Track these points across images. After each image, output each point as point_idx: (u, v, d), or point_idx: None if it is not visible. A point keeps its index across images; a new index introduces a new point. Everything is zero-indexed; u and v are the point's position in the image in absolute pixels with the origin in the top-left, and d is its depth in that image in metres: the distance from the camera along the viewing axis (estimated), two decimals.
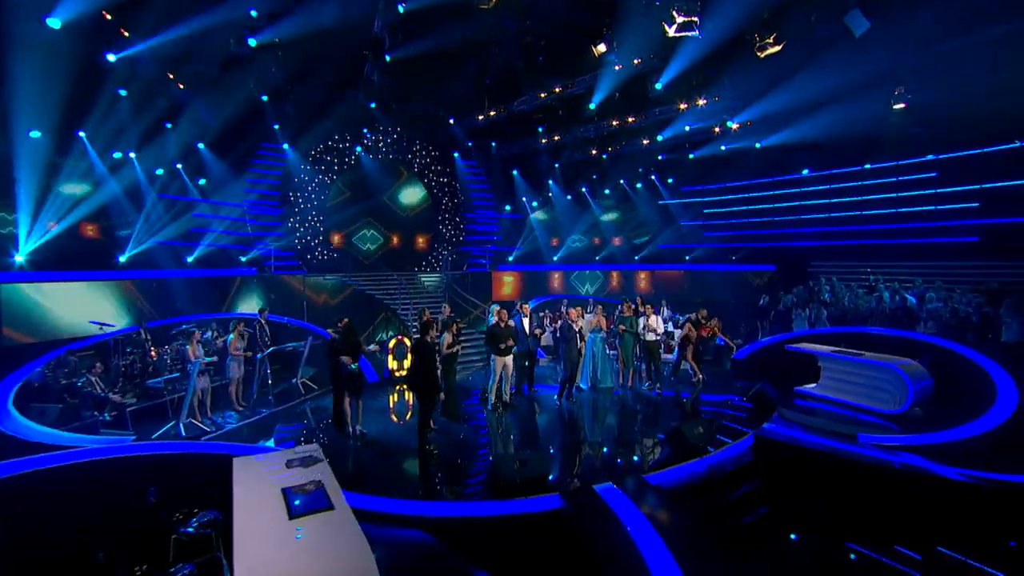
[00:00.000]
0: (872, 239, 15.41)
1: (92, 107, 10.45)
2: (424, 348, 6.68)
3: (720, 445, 6.97)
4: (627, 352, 10.16)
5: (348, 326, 7.61)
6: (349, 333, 7.54)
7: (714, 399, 9.64)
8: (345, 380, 7.46)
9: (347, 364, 7.37)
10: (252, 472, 4.35)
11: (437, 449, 6.96)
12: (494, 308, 9.03)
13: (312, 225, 16.82)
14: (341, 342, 7.46)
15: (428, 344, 6.69)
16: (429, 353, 6.66)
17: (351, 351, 7.42)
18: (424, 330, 6.75)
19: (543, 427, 8.23)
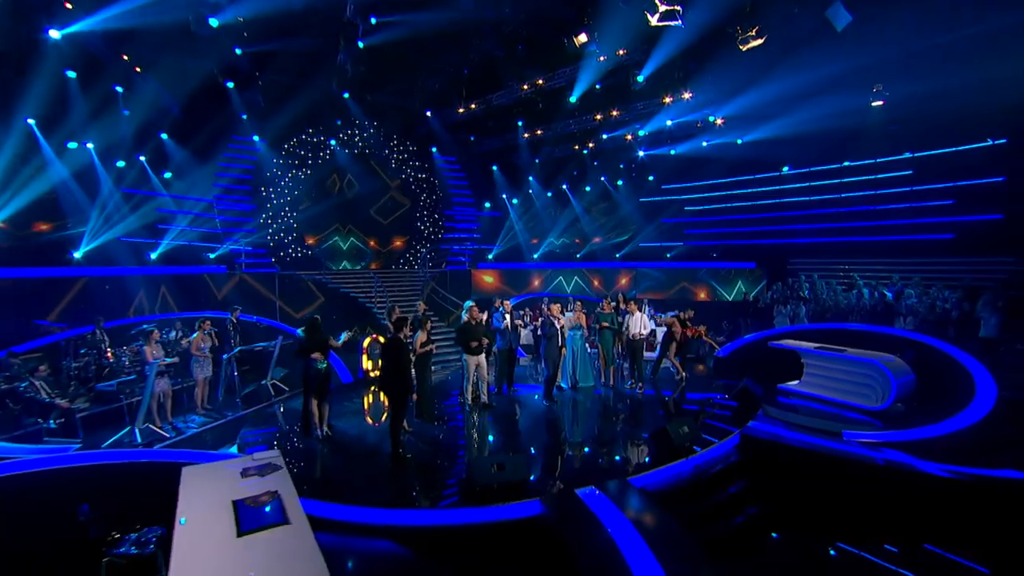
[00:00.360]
0: (850, 236, 15.51)
1: (36, 90, 9.71)
2: (396, 347, 6.31)
3: (706, 445, 6.76)
4: (607, 349, 9.93)
5: (312, 322, 7.23)
6: (313, 330, 7.15)
7: (698, 397, 9.47)
8: (314, 380, 7.09)
9: (316, 362, 7.00)
10: (202, 483, 3.95)
11: (411, 453, 6.61)
12: (468, 305, 8.71)
13: (285, 221, 16.24)
14: (307, 340, 7.08)
15: (400, 342, 6.33)
16: (401, 352, 6.30)
17: (318, 348, 7.04)
18: (396, 328, 6.38)
19: (523, 428, 7.93)
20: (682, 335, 9.99)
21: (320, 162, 16.81)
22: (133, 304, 11.93)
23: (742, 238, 18.42)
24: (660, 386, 10.03)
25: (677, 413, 8.57)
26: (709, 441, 6.89)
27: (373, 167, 18.08)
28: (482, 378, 8.71)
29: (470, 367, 8.51)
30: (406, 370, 6.38)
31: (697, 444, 6.70)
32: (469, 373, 8.55)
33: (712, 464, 6.56)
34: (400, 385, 6.32)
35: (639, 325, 9.72)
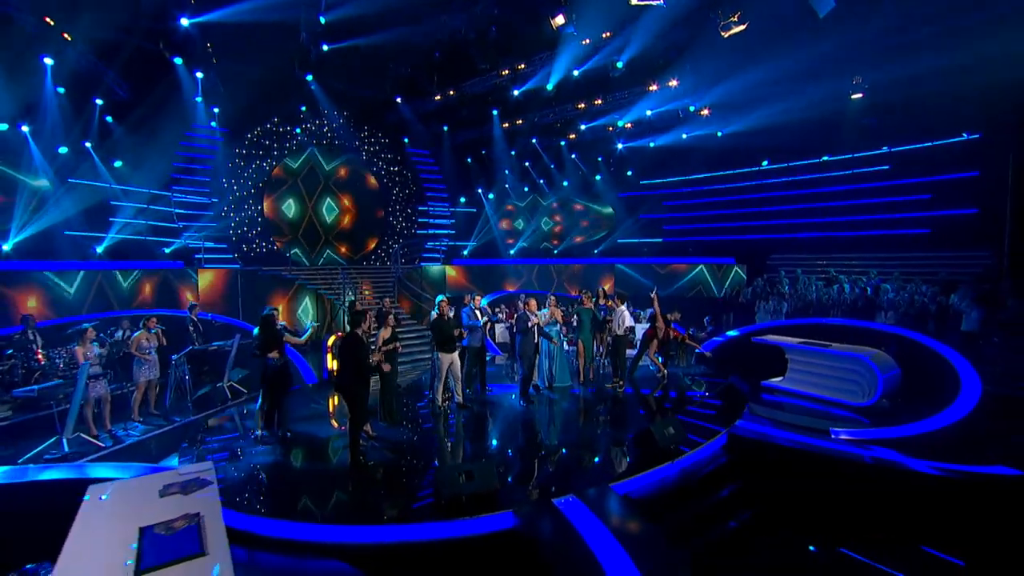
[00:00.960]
0: (829, 231, 15.45)
1: None
2: (352, 344, 5.72)
3: (692, 446, 6.35)
4: (588, 346, 9.48)
5: (266, 318, 6.60)
6: (266, 325, 6.53)
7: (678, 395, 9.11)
8: (271, 378, 6.54)
9: (273, 360, 6.44)
10: (107, 505, 3.32)
11: (372, 461, 6.04)
12: (440, 299, 8.16)
13: (249, 214, 15.38)
14: (261, 336, 6.46)
15: (357, 339, 5.74)
16: (359, 349, 5.71)
17: (275, 345, 6.43)
18: (353, 322, 5.79)
19: (496, 432, 7.41)
20: (665, 334, 9.58)
21: (286, 153, 15.99)
22: (86, 302, 11.02)
23: (721, 233, 18.27)
24: (640, 385, 9.62)
25: (661, 412, 8.17)
26: (695, 442, 6.48)
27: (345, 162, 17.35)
28: (455, 377, 8.18)
29: (443, 366, 7.96)
30: (365, 369, 5.79)
31: (683, 445, 6.28)
32: (441, 372, 8.00)
33: (700, 466, 6.16)
34: (359, 386, 5.74)
35: (623, 321, 9.30)
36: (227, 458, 6.22)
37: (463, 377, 9.08)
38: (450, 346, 7.92)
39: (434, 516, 4.70)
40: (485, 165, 19.19)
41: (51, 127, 10.83)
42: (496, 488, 4.89)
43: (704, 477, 6.04)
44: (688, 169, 18.64)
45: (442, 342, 7.88)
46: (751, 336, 10.29)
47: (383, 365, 6.64)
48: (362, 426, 5.90)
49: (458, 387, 8.26)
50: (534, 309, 8.37)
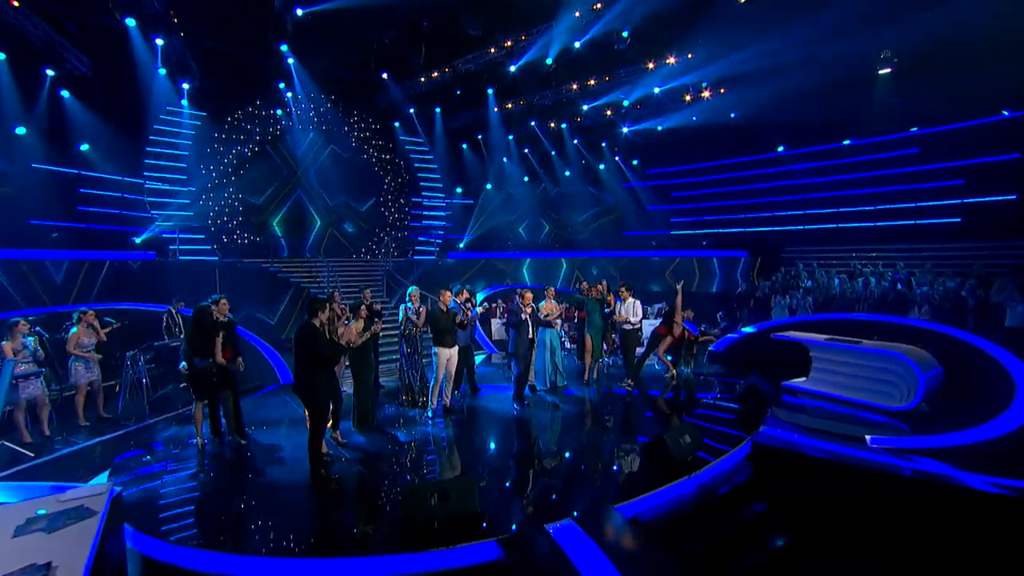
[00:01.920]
0: (850, 221, 14.54)
1: None
2: (307, 337, 4.91)
3: (711, 457, 5.51)
4: (595, 343, 8.65)
5: (197, 312, 5.81)
6: (198, 320, 5.73)
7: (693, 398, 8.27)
8: (202, 381, 5.87)
9: (202, 362, 5.80)
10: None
11: (336, 473, 5.23)
12: (411, 291, 7.39)
13: (229, 204, 14.60)
14: (193, 332, 5.70)
15: (313, 331, 4.93)
16: (315, 343, 4.90)
17: (205, 343, 5.63)
18: (310, 311, 4.98)
19: (484, 440, 6.60)
20: (680, 334, 8.74)
21: (270, 138, 15.20)
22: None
23: (733, 225, 17.39)
24: (648, 386, 8.78)
25: (673, 418, 7.33)
26: (714, 452, 5.64)
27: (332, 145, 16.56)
28: (449, 376, 7.40)
29: (441, 362, 7.17)
30: (324, 367, 4.99)
31: (700, 456, 5.45)
32: (439, 369, 7.20)
33: (720, 481, 5.33)
34: (318, 387, 4.93)
35: (632, 313, 8.46)
36: (163, 471, 5.43)
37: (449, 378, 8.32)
38: (449, 339, 7.16)
39: (398, 547, 3.88)
40: (481, 152, 18.34)
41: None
42: (477, 511, 4.07)
43: (726, 494, 5.21)
44: (698, 156, 17.77)
45: (440, 334, 7.11)
46: (770, 333, 9.43)
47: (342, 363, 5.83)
48: (322, 433, 5.10)
49: (448, 388, 7.48)
50: (528, 301, 7.54)
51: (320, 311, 5.01)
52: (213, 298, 6.12)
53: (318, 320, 4.99)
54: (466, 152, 18.44)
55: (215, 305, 6.09)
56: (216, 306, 6.10)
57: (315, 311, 4.99)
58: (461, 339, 8.13)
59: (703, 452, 5.55)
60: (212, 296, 6.19)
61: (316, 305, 5.01)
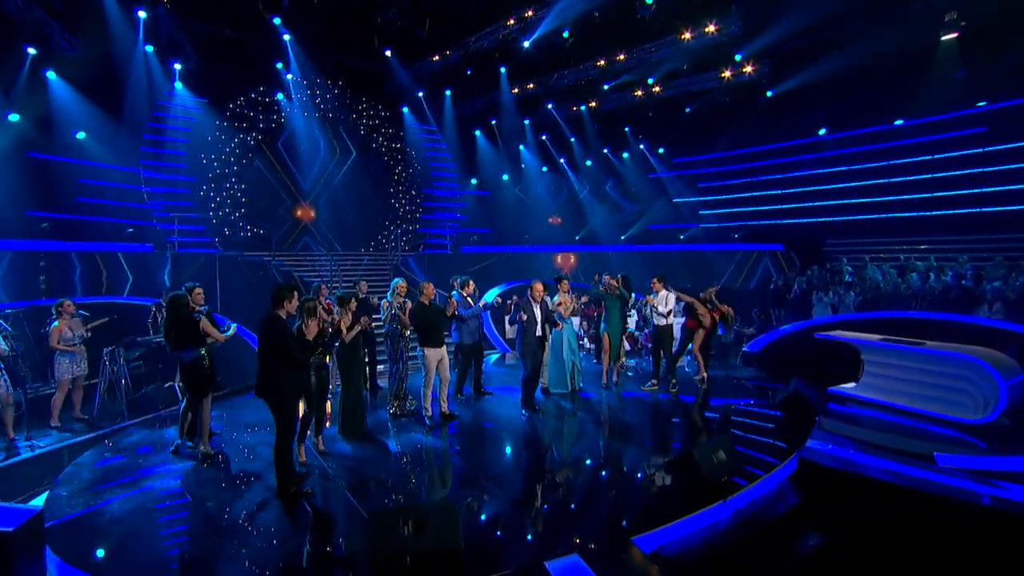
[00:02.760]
0: (900, 211, 13.36)
1: None
2: (271, 330, 4.29)
3: (750, 478, 4.72)
4: (614, 340, 7.89)
5: (171, 301, 5.29)
6: (173, 310, 5.20)
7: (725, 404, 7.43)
8: (192, 374, 5.39)
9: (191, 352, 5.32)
10: None
11: (308, 488, 4.61)
12: (396, 283, 6.74)
13: (231, 195, 14.24)
14: (168, 326, 5.19)
15: (278, 324, 4.31)
16: (280, 338, 4.27)
17: (185, 335, 5.09)
18: (275, 301, 4.37)
19: (483, 453, 5.91)
20: (710, 320, 7.94)
21: (273, 126, 14.81)
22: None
23: (768, 217, 16.33)
24: (677, 390, 7.97)
25: (706, 428, 6.52)
26: (755, 470, 4.85)
27: (339, 135, 16.15)
28: (443, 379, 6.74)
29: (429, 364, 6.51)
30: (291, 369, 4.37)
31: (738, 475, 4.66)
32: (428, 372, 6.54)
33: (762, 507, 4.53)
34: (285, 388, 4.31)
35: (664, 305, 7.69)
36: (115, 486, 4.91)
37: (456, 378, 7.69)
38: (436, 338, 6.48)
39: None
40: (495, 139, 17.63)
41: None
42: (460, 545, 3.36)
43: (769, 523, 4.41)
44: (730, 142, 16.72)
45: (425, 332, 6.46)
46: (813, 332, 8.52)
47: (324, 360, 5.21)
48: (291, 442, 4.47)
49: (443, 391, 6.82)
50: (539, 295, 6.80)
51: (287, 299, 4.39)
52: (187, 286, 5.61)
53: (284, 310, 4.37)
54: (480, 140, 17.76)
55: (189, 294, 5.58)
56: (191, 295, 5.60)
57: (280, 300, 4.37)
58: (468, 336, 7.49)
59: (740, 472, 4.76)
60: (185, 284, 5.67)
61: (282, 293, 4.39)
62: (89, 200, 11.99)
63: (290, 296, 4.41)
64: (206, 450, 5.45)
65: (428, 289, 6.55)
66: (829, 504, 4.75)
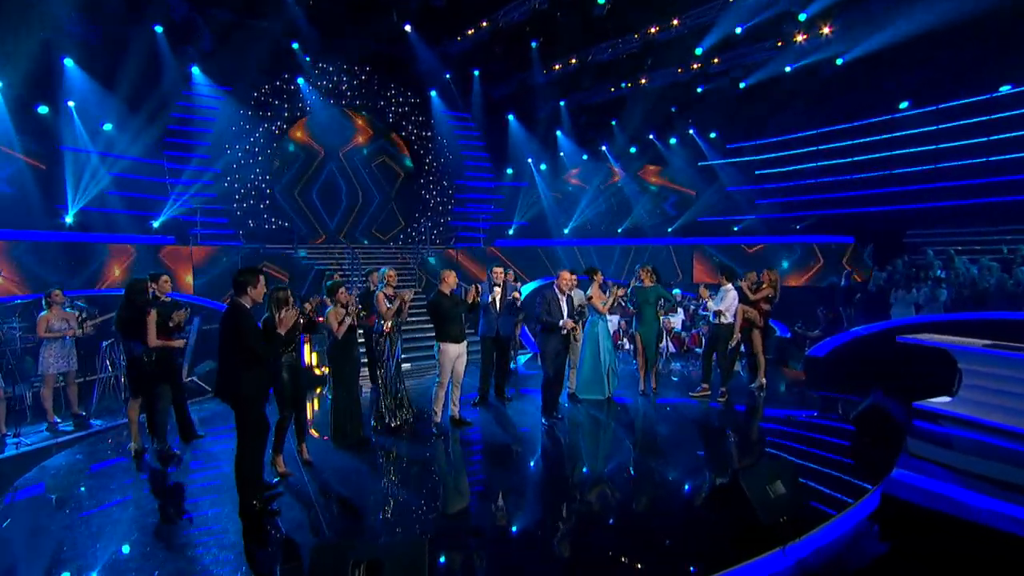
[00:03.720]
0: (1005, 195, 11.64)
1: None
2: (233, 323, 3.73)
3: (816, 517, 3.80)
4: (650, 341, 7.02)
5: (128, 285, 4.91)
6: (127, 295, 4.82)
7: (785, 415, 6.43)
8: (134, 371, 5.07)
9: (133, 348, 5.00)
10: None
11: (277, 506, 4.05)
12: (385, 272, 6.14)
13: (256, 185, 14.16)
14: (119, 312, 4.80)
15: (239, 314, 3.75)
16: (242, 331, 3.71)
17: (135, 323, 4.82)
18: (237, 288, 3.81)
19: (490, 471, 5.21)
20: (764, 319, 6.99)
21: (298, 114, 14.65)
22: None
23: (837, 205, 14.82)
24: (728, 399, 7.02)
25: (759, 450, 5.56)
26: (824, 508, 3.92)
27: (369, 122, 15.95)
28: (456, 380, 6.10)
29: (444, 361, 5.89)
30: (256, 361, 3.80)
31: (800, 513, 3.75)
32: (443, 370, 5.93)
33: (831, 558, 3.61)
34: (246, 388, 3.75)
35: (724, 304, 6.82)
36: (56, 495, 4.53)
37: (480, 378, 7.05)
38: (455, 331, 5.84)
39: None
40: (530, 124, 16.86)
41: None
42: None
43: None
44: (791, 123, 15.28)
45: (440, 325, 5.85)
46: (894, 335, 7.33)
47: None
48: (254, 452, 3.92)
49: (455, 393, 6.17)
50: (568, 285, 6.02)
51: (251, 286, 3.83)
52: (152, 273, 5.22)
53: (248, 298, 3.81)
54: (513, 124, 17.05)
55: (154, 282, 5.18)
56: (156, 283, 5.20)
57: (243, 286, 3.81)
58: (504, 327, 6.85)
59: (803, 509, 3.83)
60: (150, 271, 5.28)
61: (244, 278, 3.83)
62: (115, 193, 12.14)
63: (254, 281, 3.84)
64: (166, 450, 5.07)
65: (450, 278, 5.93)
66: (921, 554, 3.78)
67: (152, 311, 4.84)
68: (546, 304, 5.95)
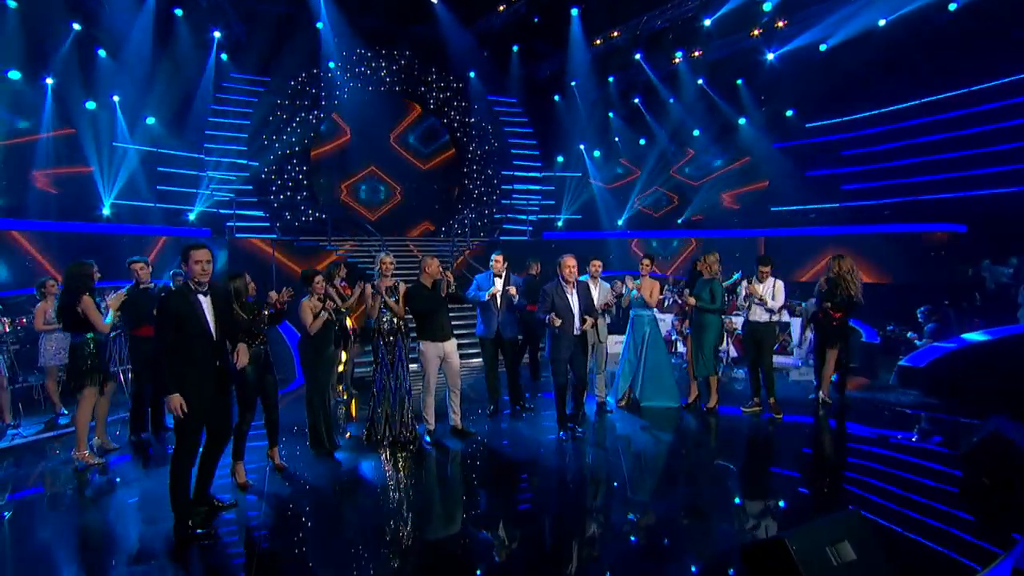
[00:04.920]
0: None
1: None
2: (161, 315, 3.29)
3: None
4: (706, 343, 5.99)
5: (68, 270, 4.54)
6: (67, 280, 4.41)
7: (864, 442, 5.20)
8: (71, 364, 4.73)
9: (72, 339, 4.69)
10: None
11: (212, 530, 3.48)
12: (380, 258, 5.42)
13: (292, 176, 14.15)
14: (60, 297, 4.52)
15: (166, 306, 3.27)
16: (164, 320, 3.21)
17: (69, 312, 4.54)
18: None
19: (480, 500, 4.43)
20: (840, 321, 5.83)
21: (336, 103, 14.52)
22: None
23: (942, 189, 12.78)
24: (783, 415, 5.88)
25: (821, 491, 4.42)
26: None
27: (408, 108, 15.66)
28: (452, 385, 5.39)
29: (428, 364, 5.21)
30: (175, 359, 3.28)
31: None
32: (426, 374, 5.25)
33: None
34: (173, 384, 3.25)
35: (772, 297, 5.73)
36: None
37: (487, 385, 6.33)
38: (436, 328, 5.17)
39: None
40: (576, 105, 15.84)
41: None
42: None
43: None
44: (886, 95, 13.30)
45: (420, 321, 5.22)
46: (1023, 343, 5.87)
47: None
48: (186, 462, 3.42)
49: (455, 399, 5.45)
50: (571, 273, 5.09)
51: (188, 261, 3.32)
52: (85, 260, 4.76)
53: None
54: (559, 107, 16.13)
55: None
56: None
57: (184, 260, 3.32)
58: (507, 327, 6.02)
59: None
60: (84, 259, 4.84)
61: (184, 251, 3.36)
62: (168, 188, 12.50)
63: (187, 259, 3.34)
64: (79, 454, 4.66)
65: (431, 266, 5.20)
66: None
67: (86, 296, 4.47)
68: (548, 300, 5.04)
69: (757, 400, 6.04)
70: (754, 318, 5.91)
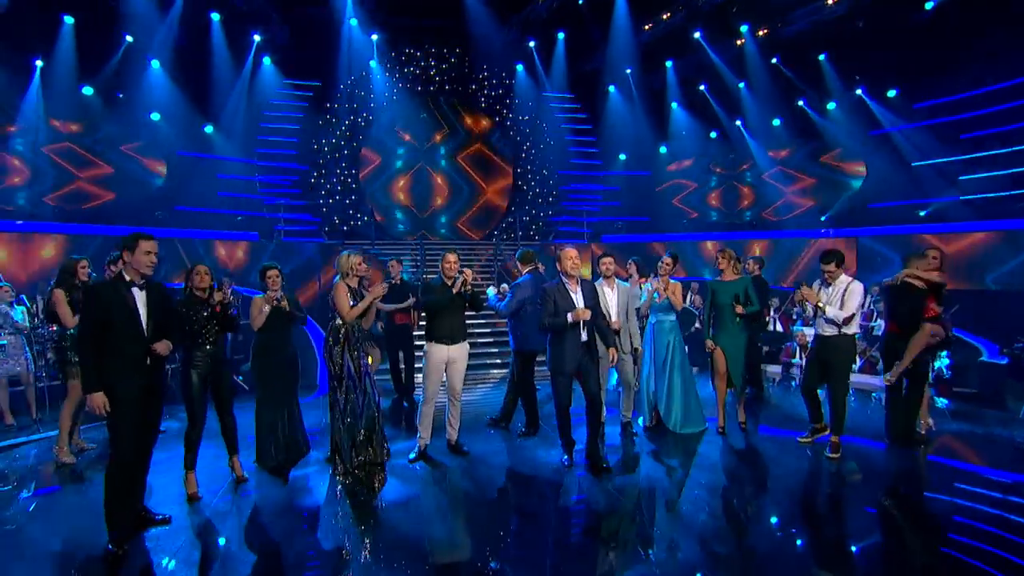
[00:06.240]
0: None
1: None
2: (88, 301, 3.30)
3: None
4: (732, 359, 5.15)
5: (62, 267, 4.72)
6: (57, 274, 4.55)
7: (977, 494, 4.15)
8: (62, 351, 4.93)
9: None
10: None
11: (124, 550, 3.25)
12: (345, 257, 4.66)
13: (342, 180, 14.46)
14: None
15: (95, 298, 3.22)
16: (88, 313, 3.19)
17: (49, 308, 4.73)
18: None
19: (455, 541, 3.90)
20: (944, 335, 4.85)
21: (385, 104, 14.68)
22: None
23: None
24: (868, 455, 4.89)
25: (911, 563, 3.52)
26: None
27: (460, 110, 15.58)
28: (452, 394, 4.96)
29: (429, 369, 4.83)
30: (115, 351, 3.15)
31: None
32: (429, 382, 4.86)
33: None
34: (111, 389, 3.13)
35: (840, 305, 4.71)
36: None
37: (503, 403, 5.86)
38: (446, 328, 4.78)
39: None
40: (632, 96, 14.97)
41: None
42: None
43: None
44: (1017, 60, 11.38)
45: (429, 319, 4.90)
46: None
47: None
48: (122, 475, 3.25)
49: (453, 410, 5.01)
50: (574, 268, 4.46)
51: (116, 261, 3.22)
52: (74, 257, 4.84)
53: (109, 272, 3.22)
54: (614, 98, 15.34)
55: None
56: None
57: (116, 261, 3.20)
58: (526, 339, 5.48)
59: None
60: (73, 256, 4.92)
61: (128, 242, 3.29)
62: (230, 195, 13.20)
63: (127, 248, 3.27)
64: (60, 456, 4.72)
65: (448, 260, 4.86)
66: None
67: (58, 290, 4.53)
68: (549, 300, 4.40)
69: (818, 428, 5.04)
70: (820, 331, 4.92)
